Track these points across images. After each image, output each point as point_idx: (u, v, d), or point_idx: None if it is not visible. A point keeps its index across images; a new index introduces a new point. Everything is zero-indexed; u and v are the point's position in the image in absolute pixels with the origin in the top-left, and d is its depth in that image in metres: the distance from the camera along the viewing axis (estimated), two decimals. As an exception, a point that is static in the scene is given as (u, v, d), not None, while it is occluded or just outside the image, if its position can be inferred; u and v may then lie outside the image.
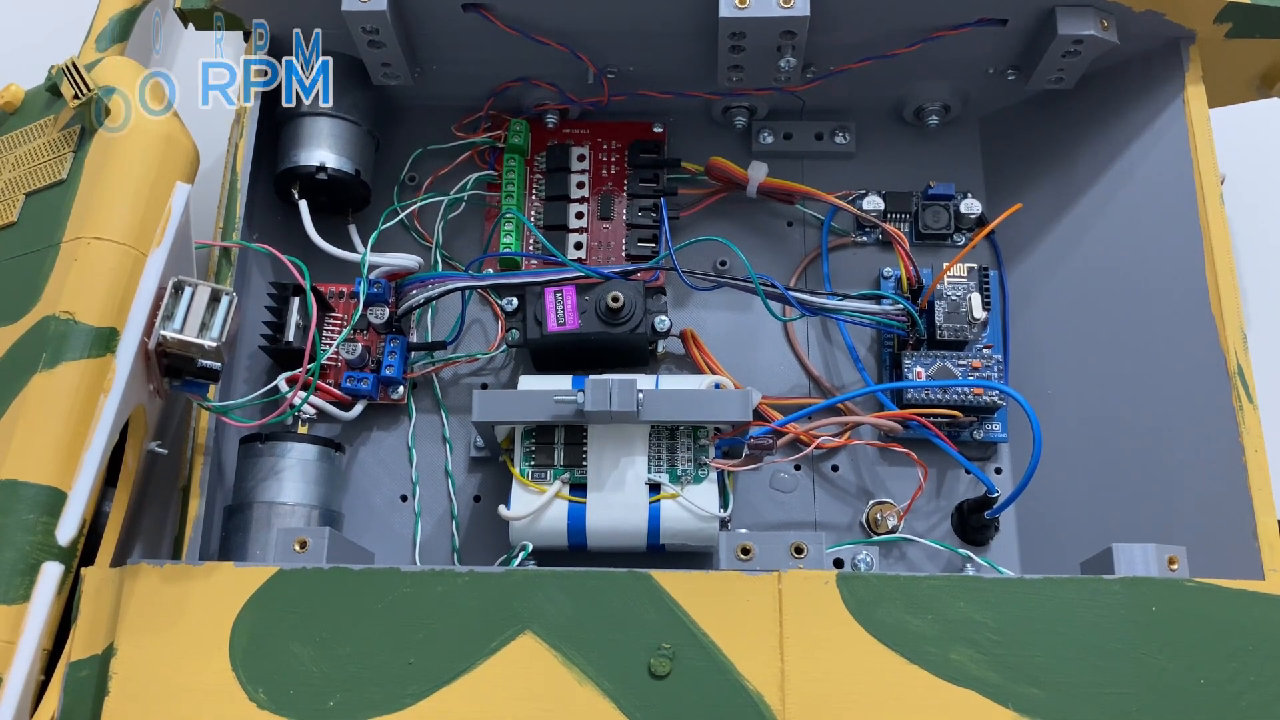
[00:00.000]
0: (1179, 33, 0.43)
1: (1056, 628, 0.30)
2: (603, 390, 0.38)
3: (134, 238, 0.37)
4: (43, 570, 0.33)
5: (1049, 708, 0.29)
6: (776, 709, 0.30)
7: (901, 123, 0.50)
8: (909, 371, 0.44)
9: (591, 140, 0.49)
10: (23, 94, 0.44)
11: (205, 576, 0.32)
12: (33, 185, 0.40)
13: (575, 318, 0.43)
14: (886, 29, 0.44)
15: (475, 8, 0.43)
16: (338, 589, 0.32)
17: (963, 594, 0.30)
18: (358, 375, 0.44)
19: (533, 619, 0.31)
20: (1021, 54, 0.45)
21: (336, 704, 0.30)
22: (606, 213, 0.48)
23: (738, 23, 0.41)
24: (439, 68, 0.47)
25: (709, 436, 0.40)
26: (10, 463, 0.34)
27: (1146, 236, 0.42)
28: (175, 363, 0.36)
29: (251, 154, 0.42)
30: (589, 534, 0.40)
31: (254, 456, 0.41)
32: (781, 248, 0.49)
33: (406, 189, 0.50)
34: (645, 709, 0.30)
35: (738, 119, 0.49)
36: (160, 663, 0.31)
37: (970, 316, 0.44)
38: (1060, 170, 0.47)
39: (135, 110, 0.40)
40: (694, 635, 0.30)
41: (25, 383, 0.35)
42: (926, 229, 0.48)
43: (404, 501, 0.45)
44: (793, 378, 0.47)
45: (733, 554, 0.33)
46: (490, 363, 0.47)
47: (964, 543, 0.44)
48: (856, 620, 0.30)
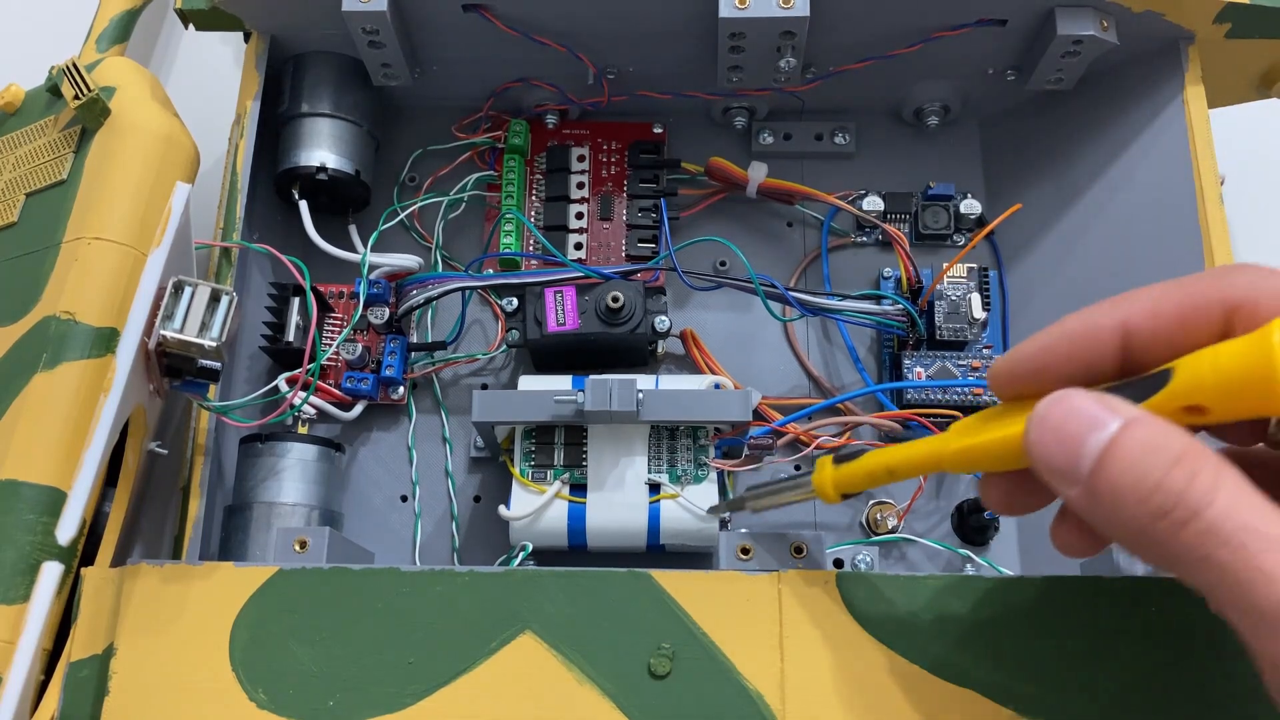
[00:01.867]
0: (1178, 33, 0.43)
1: (1056, 628, 0.30)
2: (603, 390, 0.38)
3: (134, 238, 0.37)
4: (43, 570, 0.33)
5: (1049, 707, 0.29)
6: (776, 709, 0.30)
7: (901, 123, 0.50)
8: (909, 372, 0.44)
9: (591, 141, 0.49)
10: (23, 94, 0.44)
11: (205, 576, 0.32)
12: (33, 185, 0.40)
13: (575, 318, 0.43)
14: (886, 29, 0.44)
15: (475, 8, 0.43)
16: (338, 589, 0.32)
17: (963, 594, 0.30)
18: (358, 375, 0.44)
19: (533, 619, 0.31)
20: (1021, 54, 0.45)
21: (336, 704, 0.30)
22: (606, 213, 0.48)
23: (737, 23, 0.41)
24: (439, 68, 0.47)
25: (709, 437, 0.40)
26: (10, 463, 0.34)
27: (1146, 237, 0.42)
28: (175, 363, 0.36)
29: (252, 154, 0.42)
30: (589, 534, 0.40)
31: (254, 456, 0.41)
32: (781, 248, 0.49)
33: (406, 189, 0.50)
34: (645, 709, 0.30)
35: (737, 119, 0.49)
36: (160, 663, 0.31)
37: (970, 317, 0.44)
38: (1060, 170, 0.47)
39: (135, 111, 0.40)
40: (694, 635, 0.30)
41: (26, 383, 0.35)
42: (926, 229, 0.48)
43: (404, 501, 0.45)
44: (793, 378, 0.47)
45: (733, 554, 0.33)
46: (490, 363, 0.47)
47: (964, 543, 0.44)
48: (856, 620, 0.30)
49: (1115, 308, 0.25)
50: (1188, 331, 0.24)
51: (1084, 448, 0.23)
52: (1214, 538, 0.21)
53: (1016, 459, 0.25)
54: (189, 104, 0.43)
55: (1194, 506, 0.21)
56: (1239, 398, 0.22)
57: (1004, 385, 0.27)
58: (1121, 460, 0.22)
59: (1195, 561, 0.21)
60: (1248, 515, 0.21)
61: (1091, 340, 0.25)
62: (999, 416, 0.26)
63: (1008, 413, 0.26)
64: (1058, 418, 0.23)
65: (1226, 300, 0.23)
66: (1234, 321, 0.23)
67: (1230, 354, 0.22)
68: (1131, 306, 0.24)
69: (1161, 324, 0.24)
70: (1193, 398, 0.22)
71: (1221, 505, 0.21)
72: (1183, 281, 0.24)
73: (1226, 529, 0.21)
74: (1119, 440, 0.22)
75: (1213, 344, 0.23)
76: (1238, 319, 0.23)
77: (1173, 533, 0.21)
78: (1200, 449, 0.22)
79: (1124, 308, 0.25)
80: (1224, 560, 0.21)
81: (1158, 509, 0.22)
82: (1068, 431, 0.23)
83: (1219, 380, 0.22)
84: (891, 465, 0.29)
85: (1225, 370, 0.22)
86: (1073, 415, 0.23)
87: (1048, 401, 0.24)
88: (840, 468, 0.30)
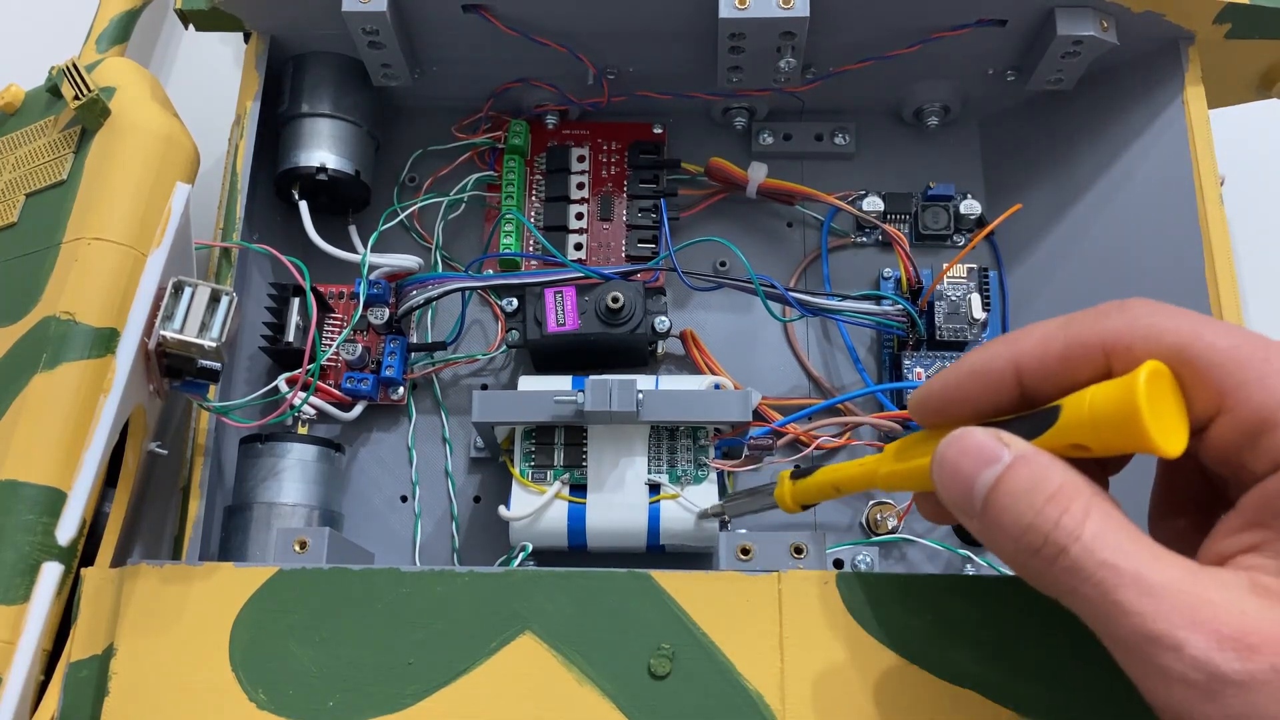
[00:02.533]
0: (1178, 33, 0.43)
1: (1056, 627, 0.30)
2: (603, 390, 0.38)
3: (134, 238, 0.37)
4: (43, 570, 0.33)
5: (1049, 707, 0.29)
6: (776, 709, 0.30)
7: (901, 123, 0.50)
8: (909, 372, 0.44)
9: (591, 141, 0.49)
10: (23, 94, 0.44)
11: (205, 577, 0.32)
12: (33, 186, 0.40)
13: (575, 318, 0.43)
14: (886, 30, 0.44)
15: (475, 8, 0.43)
16: (338, 589, 0.31)
17: (963, 594, 0.30)
18: (358, 376, 0.44)
19: (533, 619, 0.31)
20: (1021, 55, 0.45)
21: (336, 704, 0.30)
22: (606, 213, 0.48)
23: (737, 24, 0.41)
24: (439, 69, 0.47)
25: (709, 437, 0.40)
26: (10, 463, 0.34)
27: (1146, 237, 0.42)
28: (175, 363, 0.36)
29: (252, 154, 0.42)
30: (589, 534, 0.40)
31: (254, 457, 0.41)
32: (781, 248, 0.49)
33: (406, 190, 0.50)
34: (645, 709, 0.30)
35: (737, 120, 0.49)
36: (160, 663, 0.31)
37: (970, 317, 0.44)
38: (1060, 171, 0.47)
39: (135, 111, 0.40)
40: (694, 635, 0.30)
41: (25, 383, 0.35)
42: (926, 229, 0.48)
43: (404, 502, 0.45)
44: (792, 378, 0.47)
45: (733, 554, 0.33)
46: (490, 363, 0.47)
47: (964, 543, 0.44)
48: (856, 620, 0.30)
49: (1008, 346, 0.26)
50: (1071, 371, 0.24)
51: (975, 485, 0.24)
52: (1078, 574, 0.22)
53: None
54: (189, 104, 0.43)
55: (1061, 543, 0.22)
56: (1113, 438, 0.23)
57: (921, 416, 0.28)
58: (1004, 497, 0.23)
59: (1066, 595, 0.23)
60: (1110, 552, 0.22)
61: (990, 377, 0.26)
62: (924, 442, 0.27)
63: (930, 439, 0.27)
64: (953, 457, 0.24)
65: (1104, 341, 0.24)
66: (1114, 361, 0.24)
67: (1103, 397, 0.23)
68: (1021, 345, 0.25)
69: (1049, 363, 0.25)
70: (1074, 436, 0.23)
71: (1085, 542, 0.22)
72: (1069, 319, 0.25)
73: (1088, 566, 0.22)
74: (1003, 478, 0.23)
75: (1094, 383, 0.23)
76: (1115, 359, 0.24)
77: (1045, 568, 0.23)
78: (1075, 485, 0.23)
79: (1015, 346, 0.25)
80: (1087, 595, 0.22)
81: (1030, 546, 0.23)
82: (962, 470, 0.24)
83: (1094, 421, 0.23)
84: (837, 482, 0.31)
85: (1099, 412, 0.23)
86: (966, 455, 0.24)
87: (946, 441, 0.25)
88: (797, 483, 0.32)
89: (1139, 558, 0.22)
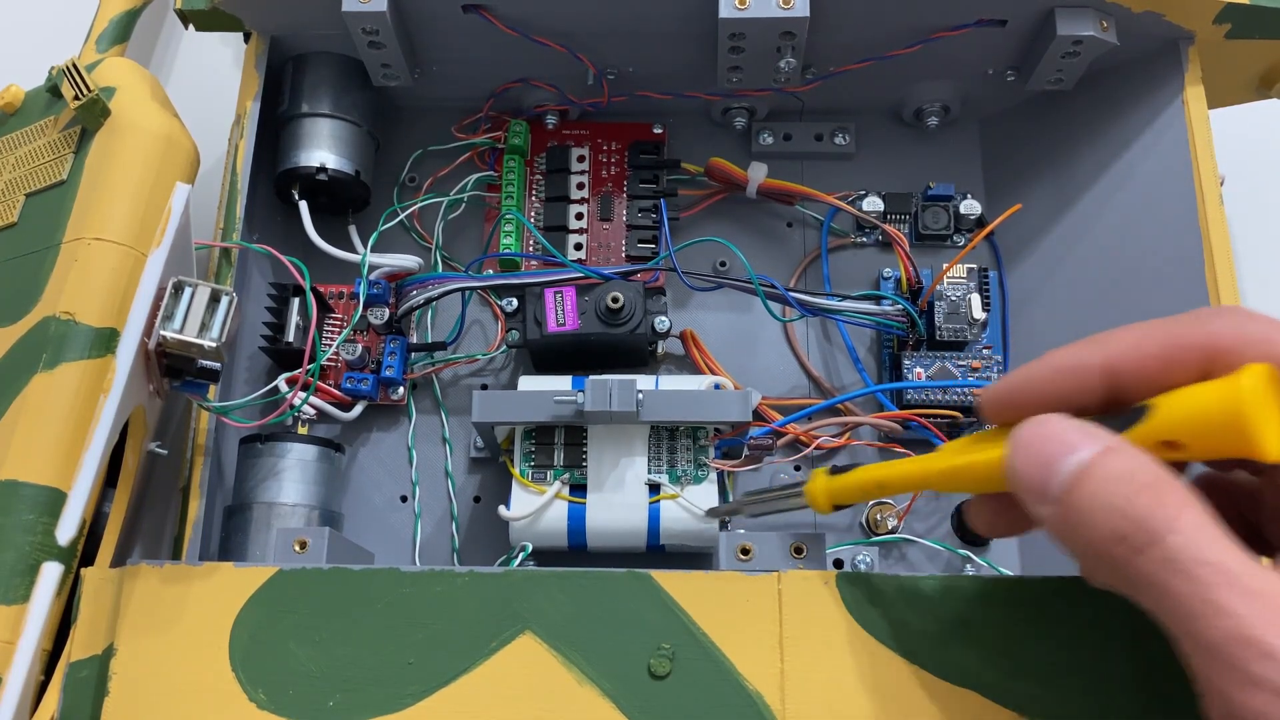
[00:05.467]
0: (1178, 34, 0.43)
1: (1056, 628, 0.30)
2: (603, 390, 0.38)
3: (134, 238, 0.37)
4: (42, 570, 0.33)
5: (1049, 707, 0.29)
6: (776, 709, 0.30)
7: (901, 123, 0.50)
8: (909, 372, 0.44)
9: (591, 141, 0.49)
10: (23, 95, 0.44)
11: (205, 577, 0.32)
12: (33, 186, 0.40)
13: (575, 318, 0.43)
14: (886, 30, 0.44)
15: (475, 8, 0.43)
16: (338, 589, 0.31)
17: (963, 594, 0.30)
18: (358, 376, 0.44)
19: (532, 619, 0.31)
20: (1021, 55, 0.45)
21: (336, 704, 0.30)
22: (606, 214, 0.48)
23: (737, 24, 0.41)
24: (439, 68, 0.47)
25: (709, 437, 0.40)
26: (10, 463, 0.34)
27: (1146, 237, 0.42)
28: (175, 363, 0.36)
29: (251, 155, 0.42)
30: (589, 534, 0.40)
31: (254, 457, 0.41)
32: (781, 248, 0.49)
33: (406, 190, 0.50)
34: (645, 709, 0.30)
35: (737, 120, 0.49)
36: (160, 663, 0.31)
37: (970, 317, 0.44)
38: (1060, 171, 0.47)
39: (135, 111, 0.40)
40: (694, 635, 0.30)
41: (25, 383, 0.35)
42: (926, 230, 0.48)
43: (404, 502, 0.45)
44: (792, 378, 0.47)
45: (733, 554, 0.33)
46: (490, 363, 0.47)
47: (964, 543, 0.44)
48: (856, 620, 0.30)
49: (1101, 346, 0.26)
50: (1169, 371, 0.24)
51: (1059, 468, 0.24)
52: (1171, 566, 0.22)
53: (998, 482, 0.26)
54: (189, 104, 0.43)
55: (1156, 534, 0.22)
56: (1212, 438, 0.23)
57: (992, 412, 0.28)
58: (1093, 483, 0.23)
59: (1152, 588, 0.22)
60: (1207, 549, 0.21)
61: (1077, 375, 0.26)
62: (986, 440, 0.27)
63: (994, 437, 0.27)
64: (1038, 439, 0.24)
65: (1207, 343, 0.24)
66: (1214, 363, 0.24)
67: (1206, 396, 0.23)
68: (1116, 345, 0.25)
69: (1144, 363, 0.25)
70: (1169, 434, 0.23)
71: (1182, 536, 0.22)
72: (1166, 322, 0.25)
73: (1184, 559, 0.21)
74: (1093, 464, 0.23)
75: (1192, 384, 0.24)
76: (1217, 361, 0.24)
77: (1132, 557, 0.22)
78: (1169, 480, 0.23)
79: (1109, 346, 0.25)
80: (1179, 589, 0.22)
81: (1120, 533, 0.22)
82: (1045, 452, 0.24)
83: (1194, 420, 0.23)
84: (882, 480, 0.30)
85: (1200, 411, 0.23)
86: (1052, 438, 0.24)
87: (1029, 423, 0.25)
88: (834, 479, 0.31)
89: (1240, 559, 0.21)
